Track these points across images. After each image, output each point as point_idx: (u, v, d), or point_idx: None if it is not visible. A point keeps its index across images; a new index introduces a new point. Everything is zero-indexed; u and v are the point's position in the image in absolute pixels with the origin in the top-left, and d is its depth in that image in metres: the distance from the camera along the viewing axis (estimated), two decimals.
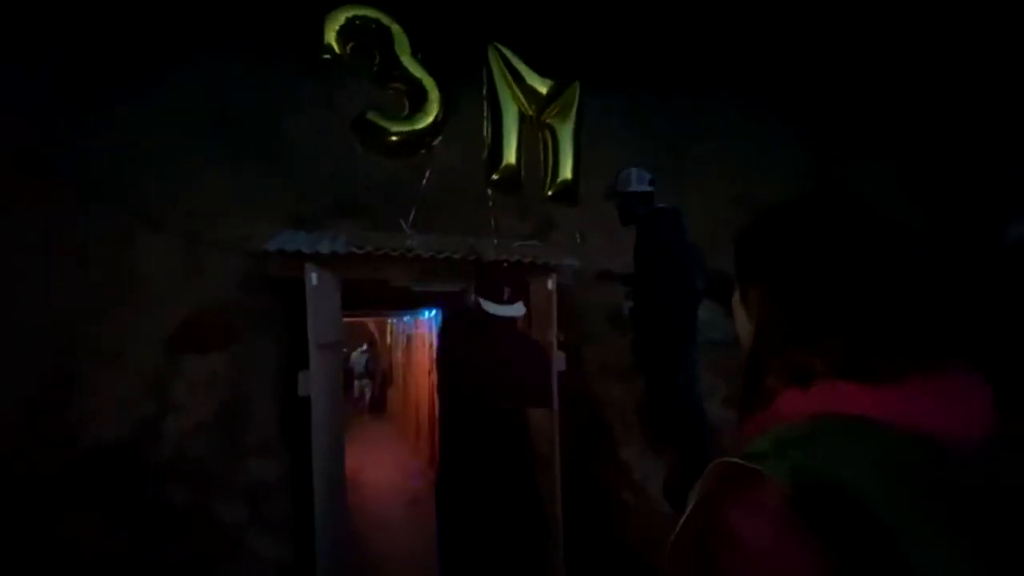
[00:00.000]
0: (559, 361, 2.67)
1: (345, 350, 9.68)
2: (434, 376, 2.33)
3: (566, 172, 2.58)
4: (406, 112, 2.24)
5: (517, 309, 1.90)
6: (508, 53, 2.46)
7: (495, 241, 2.68)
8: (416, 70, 2.22)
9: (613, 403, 2.96)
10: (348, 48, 2.13)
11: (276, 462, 2.31)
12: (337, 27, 2.08)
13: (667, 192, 2.58)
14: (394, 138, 2.18)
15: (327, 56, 2.08)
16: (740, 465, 0.43)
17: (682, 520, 0.45)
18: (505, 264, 2.42)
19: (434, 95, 2.22)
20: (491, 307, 1.86)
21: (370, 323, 10.02)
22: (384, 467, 5.79)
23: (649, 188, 2.45)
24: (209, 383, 2.30)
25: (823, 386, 0.49)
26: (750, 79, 3.48)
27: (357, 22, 2.13)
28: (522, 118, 2.49)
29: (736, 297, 0.63)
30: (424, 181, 2.50)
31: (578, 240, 2.94)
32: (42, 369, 2.13)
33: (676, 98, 3.46)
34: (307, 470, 2.10)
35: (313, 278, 2.13)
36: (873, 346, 0.49)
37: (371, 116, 2.14)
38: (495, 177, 2.46)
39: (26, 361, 2.10)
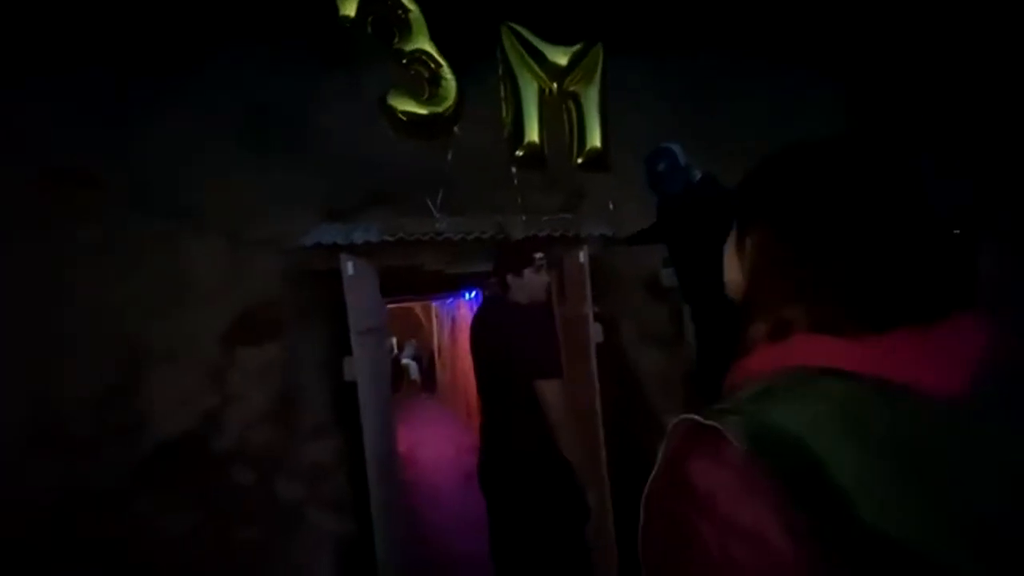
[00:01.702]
0: (596, 333, 2.66)
1: (395, 339, 10.03)
2: None
3: (594, 140, 2.51)
4: (426, 95, 2.24)
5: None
6: (522, 31, 2.41)
7: (523, 218, 2.67)
8: (434, 52, 2.21)
9: (654, 373, 2.92)
10: (369, 20, 2.13)
11: (330, 444, 2.45)
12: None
13: (696, 156, 2.46)
14: (413, 120, 2.19)
15: (346, 25, 2.07)
16: (699, 423, 0.43)
17: (651, 476, 0.46)
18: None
19: (449, 78, 2.21)
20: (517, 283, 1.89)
21: (416, 308, 10.30)
22: (437, 443, 6.02)
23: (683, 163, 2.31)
24: (263, 373, 2.45)
25: (796, 339, 0.48)
26: (783, 37, 3.23)
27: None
28: (542, 93, 2.44)
29: (731, 242, 0.60)
30: (448, 163, 2.51)
31: (611, 208, 2.87)
32: (110, 368, 2.32)
33: (704, 58, 3.27)
34: (360, 450, 2.22)
35: (349, 268, 2.21)
36: (862, 301, 0.47)
37: (390, 98, 2.15)
38: (519, 154, 2.44)
39: (94, 361, 2.30)
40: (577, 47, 2.49)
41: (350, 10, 2.07)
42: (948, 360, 0.44)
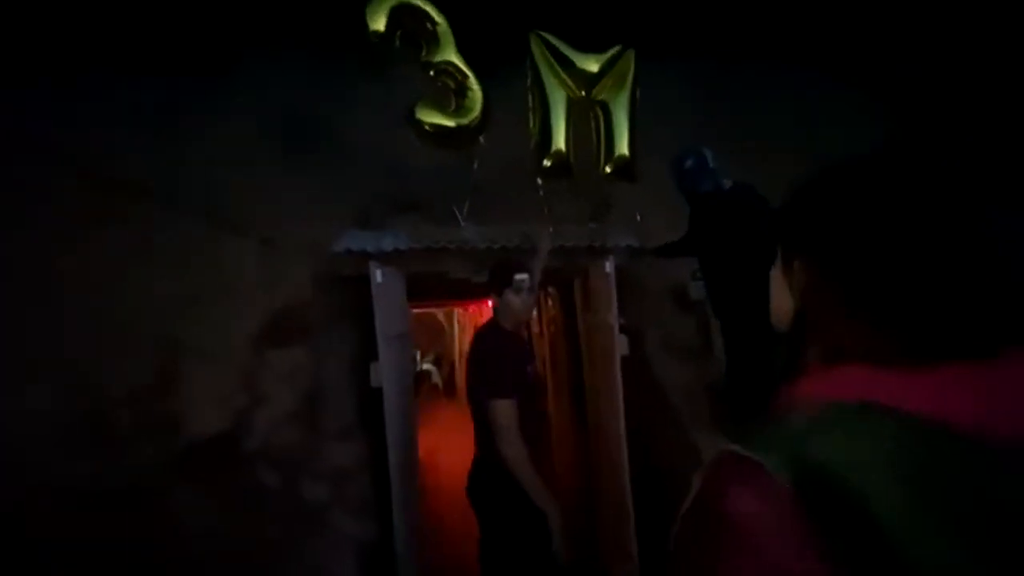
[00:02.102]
0: (621, 345, 2.63)
1: (418, 350, 10.12)
2: None
3: (622, 147, 2.51)
4: (453, 107, 2.28)
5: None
6: (551, 38, 2.42)
7: (549, 228, 2.67)
8: (461, 64, 2.24)
9: (680, 386, 2.87)
10: (398, 34, 2.18)
11: (354, 447, 2.48)
12: (384, 12, 2.13)
13: (731, 167, 2.43)
14: (439, 131, 2.22)
15: (375, 40, 2.13)
16: (740, 454, 0.42)
17: (685, 504, 0.45)
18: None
19: (476, 91, 2.24)
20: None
21: (439, 313, 10.37)
22: (457, 449, 6.01)
23: (712, 165, 2.31)
24: (292, 376, 2.50)
25: (848, 369, 0.46)
26: (821, 48, 3.17)
27: (405, 10, 2.17)
28: (570, 102, 2.44)
29: (777, 265, 0.58)
30: (474, 173, 2.54)
31: (638, 218, 2.85)
32: (149, 366, 2.40)
33: (739, 68, 3.22)
34: (383, 454, 2.24)
35: (378, 275, 2.24)
36: (915, 330, 0.45)
37: (419, 113, 2.20)
38: (546, 164, 2.45)
39: (135, 359, 2.38)
40: (610, 53, 2.48)
41: (379, 25, 2.13)
42: (1005, 400, 0.42)
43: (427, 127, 2.22)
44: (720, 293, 2.32)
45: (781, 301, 0.58)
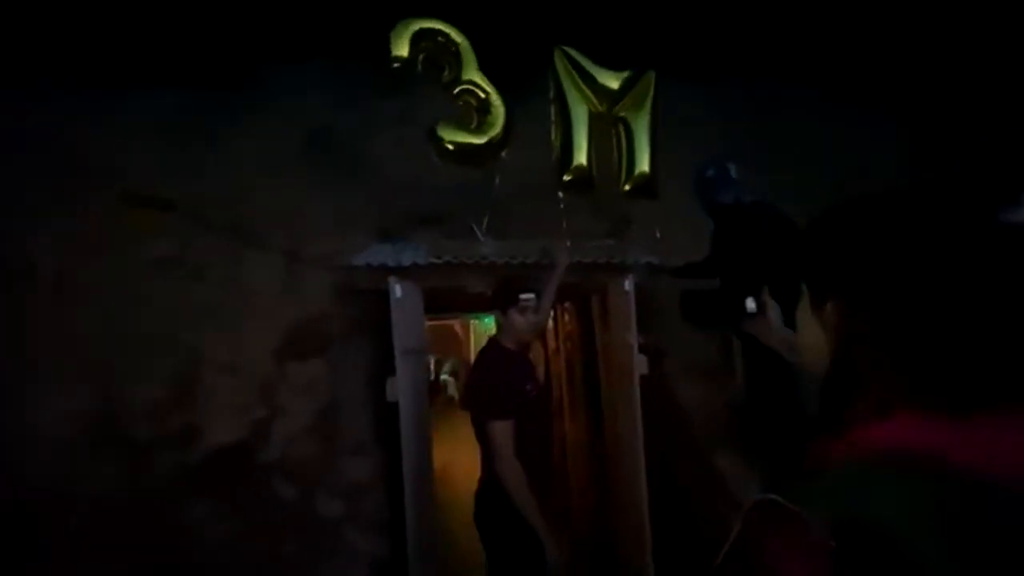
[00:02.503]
0: (641, 365, 2.59)
1: (435, 358, 10.13)
2: None
3: (643, 165, 2.49)
4: (474, 124, 2.29)
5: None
6: (574, 54, 2.43)
7: (568, 243, 2.65)
8: (484, 83, 2.26)
9: (701, 407, 2.80)
10: (420, 59, 2.21)
11: (370, 462, 2.48)
12: (407, 36, 2.16)
13: (752, 187, 2.40)
14: (460, 149, 2.23)
15: (396, 64, 2.15)
16: (785, 506, 0.40)
17: (723, 553, 0.44)
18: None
19: (498, 109, 2.25)
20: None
21: (455, 324, 10.40)
22: (473, 463, 5.96)
23: (734, 176, 2.30)
24: (310, 389, 2.51)
25: (899, 419, 0.44)
26: (836, 69, 3.12)
27: (426, 34, 2.20)
28: (592, 116, 2.44)
29: (805, 305, 0.55)
30: (494, 189, 2.54)
31: (657, 236, 2.82)
32: (169, 377, 2.43)
33: (761, 87, 3.19)
34: (398, 470, 2.23)
35: (397, 290, 2.25)
36: (968, 375, 0.43)
37: (440, 131, 2.22)
38: (567, 178, 2.44)
39: (157, 369, 2.42)
40: (629, 72, 2.48)
41: (403, 51, 2.15)
42: None
43: (448, 145, 2.24)
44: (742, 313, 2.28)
45: (813, 341, 0.55)
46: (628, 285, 2.55)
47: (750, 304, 1.08)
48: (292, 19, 2.76)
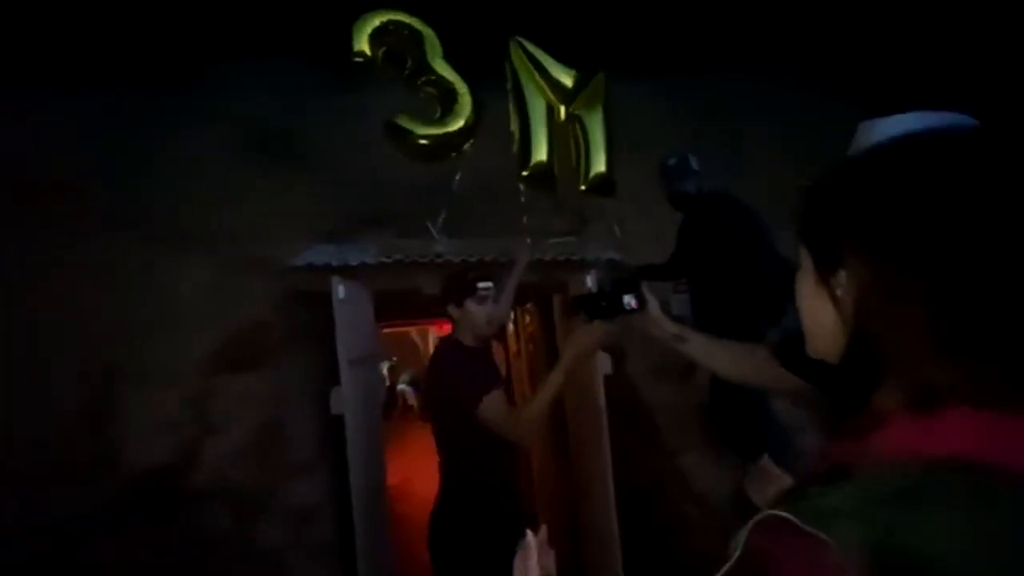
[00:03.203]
0: (604, 364, 2.50)
1: (388, 365, 9.78)
2: None
3: (599, 166, 2.45)
4: (438, 115, 2.17)
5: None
6: (530, 46, 2.36)
7: (528, 240, 2.54)
8: (448, 73, 2.17)
9: (666, 406, 2.75)
10: (380, 53, 2.11)
11: (315, 483, 2.26)
12: (369, 31, 2.06)
13: (713, 178, 2.38)
14: (424, 142, 2.12)
15: (358, 60, 2.05)
16: (799, 527, 0.31)
17: (724, 570, 0.34)
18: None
19: (465, 97, 2.18)
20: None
21: (413, 332, 10.11)
22: (433, 475, 5.75)
23: (694, 167, 2.30)
24: (246, 404, 2.28)
25: (952, 415, 0.33)
26: (798, 56, 3.18)
27: (390, 27, 2.11)
28: (551, 112, 2.36)
29: (809, 273, 0.44)
30: (455, 184, 2.41)
31: (616, 232, 2.76)
32: (81, 394, 2.16)
33: (719, 78, 3.20)
34: (347, 490, 2.03)
35: (340, 291, 2.06)
36: None
37: (401, 121, 2.09)
38: (525, 174, 2.35)
39: (66, 386, 2.14)
40: (578, 73, 2.42)
41: (364, 45, 2.03)
42: None
43: (412, 137, 2.11)
44: (703, 303, 2.25)
45: (821, 320, 0.43)
46: (590, 282, 2.46)
47: (627, 300, 1.04)
48: (234, 11, 2.55)
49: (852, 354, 0.41)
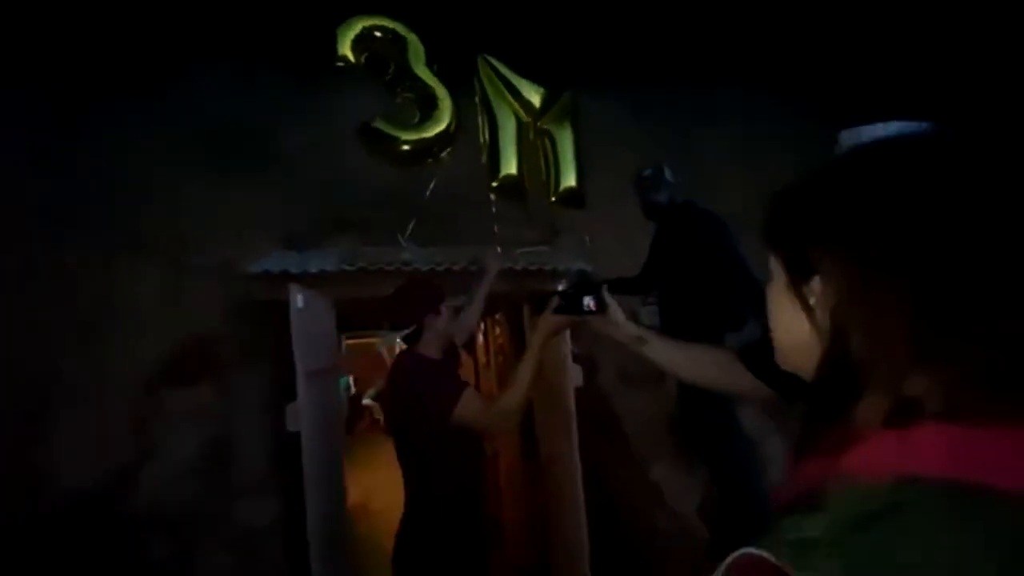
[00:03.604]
0: (575, 376, 2.46)
1: (352, 377, 9.49)
2: None
3: (569, 180, 2.45)
4: (416, 119, 2.12)
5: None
6: (498, 64, 2.34)
7: (498, 249, 2.49)
8: (429, 79, 2.13)
9: (637, 417, 2.72)
10: (363, 58, 2.07)
11: (267, 505, 2.11)
12: (352, 36, 2.02)
13: (681, 191, 2.40)
14: (406, 147, 2.08)
15: (340, 64, 2.01)
16: (776, 567, 0.28)
17: None
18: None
19: (446, 103, 2.14)
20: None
21: (379, 343, 9.87)
22: (396, 492, 5.56)
23: (668, 178, 2.32)
24: (192, 420, 2.11)
25: (929, 430, 0.32)
26: (760, 70, 3.27)
27: (376, 32, 2.07)
28: (520, 126, 2.36)
29: (780, 282, 0.42)
30: (428, 191, 2.34)
31: (587, 243, 2.75)
32: (9, 408, 1.96)
33: (682, 92, 3.26)
34: (302, 512, 1.89)
35: (299, 300, 1.95)
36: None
37: (379, 124, 2.02)
38: (495, 185, 2.32)
39: None
40: (545, 91, 2.43)
41: (347, 51, 2.01)
42: None
43: (386, 140, 2.05)
44: (670, 312, 2.25)
45: (792, 330, 0.41)
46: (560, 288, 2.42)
47: (587, 302, 1.02)
48: (194, 17, 2.45)
49: (827, 366, 0.38)
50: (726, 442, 2.14)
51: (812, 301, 0.39)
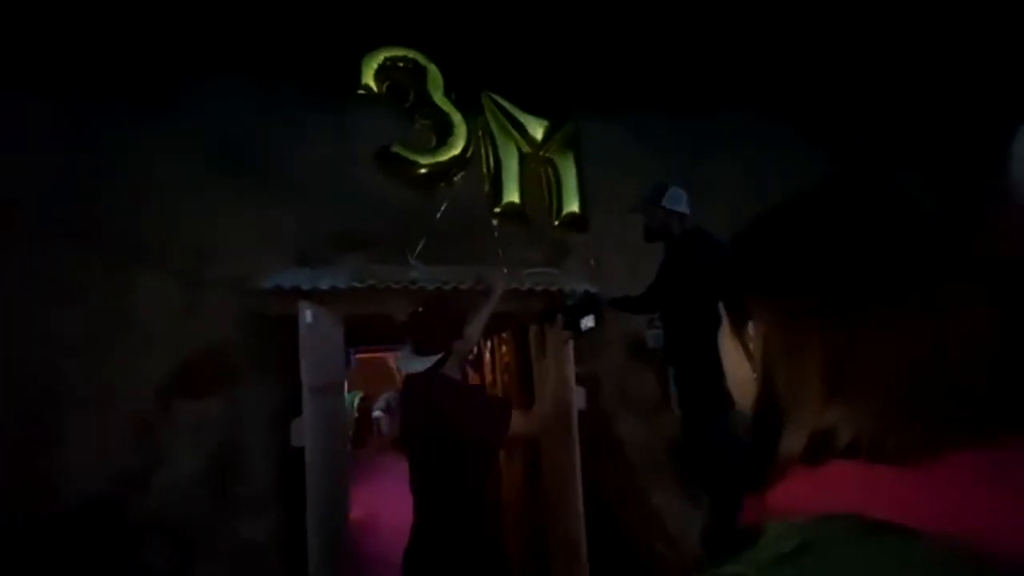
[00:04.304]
0: (579, 398, 2.46)
1: (361, 393, 9.49)
2: None
3: (572, 206, 2.50)
4: (433, 144, 2.20)
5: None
6: (501, 100, 2.44)
7: (504, 270, 2.52)
8: (447, 107, 2.22)
9: (640, 443, 2.70)
10: (384, 86, 2.17)
11: (268, 520, 2.13)
12: (375, 66, 2.12)
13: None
14: (423, 171, 2.14)
15: (363, 92, 2.12)
16: None
17: None
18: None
19: (462, 129, 2.22)
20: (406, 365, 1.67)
21: (390, 359, 9.92)
22: (402, 509, 5.53)
23: (686, 210, 2.28)
24: (200, 432, 2.15)
25: (836, 467, 0.34)
26: (764, 96, 3.30)
27: (399, 64, 2.18)
28: (522, 157, 2.44)
29: (726, 326, 0.46)
30: (440, 213, 2.40)
31: (592, 265, 2.77)
32: (18, 418, 2.01)
33: (687, 117, 3.30)
34: (303, 527, 1.91)
35: (308, 315, 2.00)
36: (923, 399, 0.33)
37: (398, 149, 2.10)
38: (498, 211, 2.38)
39: (3, 408, 1.99)
40: (548, 123, 2.49)
41: (370, 80, 2.10)
42: None
43: (402, 164, 2.12)
44: (676, 337, 2.24)
45: (737, 372, 0.45)
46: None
47: (584, 323, 1.08)
48: (212, 27, 2.53)
49: (760, 405, 0.41)
50: (728, 470, 2.11)
51: (751, 345, 0.42)
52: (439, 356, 1.62)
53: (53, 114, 2.35)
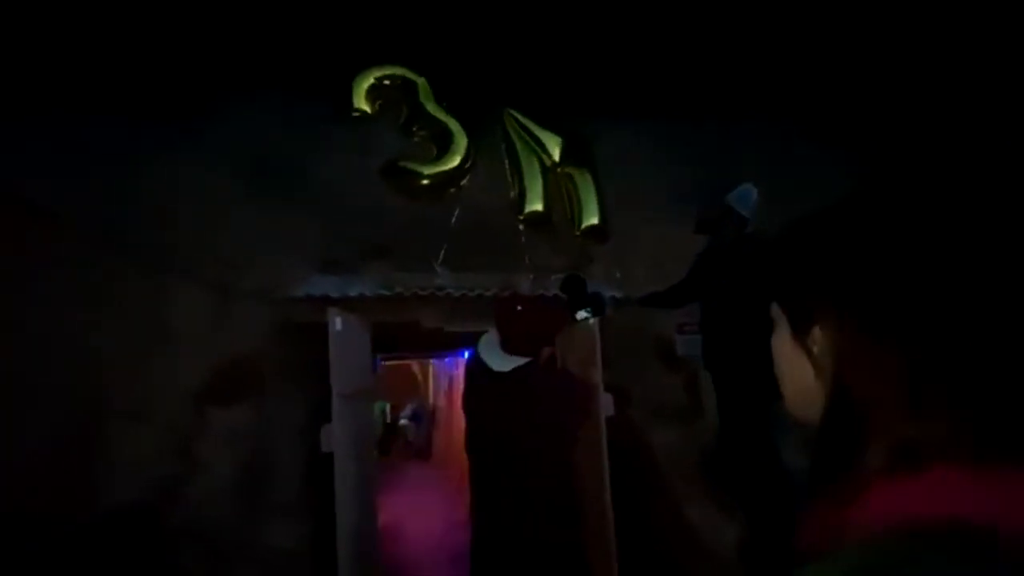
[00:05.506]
0: (606, 405, 2.42)
1: (389, 402, 9.59)
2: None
3: (592, 219, 2.50)
4: (435, 155, 2.23)
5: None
6: (520, 116, 2.49)
7: (530, 276, 2.52)
8: (441, 115, 2.26)
9: (671, 451, 2.63)
10: (377, 106, 2.26)
11: (299, 525, 2.15)
12: (366, 87, 2.19)
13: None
14: (426, 181, 2.22)
15: (357, 114, 2.21)
16: None
17: None
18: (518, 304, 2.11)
19: (460, 136, 2.26)
20: (496, 363, 1.66)
21: (414, 365, 9.97)
22: (428, 518, 5.52)
23: (748, 213, 2.16)
24: (232, 439, 2.19)
25: (933, 475, 0.32)
26: (786, 103, 3.23)
27: (386, 82, 2.25)
28: (544, 168, 2.47)
29: (784, 331, 0.43)
30: (453, 220, 2.41)
31: (617, 276, 2.73)
32: (61, 427, 2.08)
33: (709, 124, 3.24)
34: (333, 533, 1.92)
35: (337, 323, 2.02)
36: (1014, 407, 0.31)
37: (403, 163, 2.14)
38: (522, 217, 2.39)
39: (45, 419, 2.06)
40: (562, 140, 2.51)
41: (362, 103, 2.18)
42: None
43: (409, 176, 2.16)
44: (716, 345, 2.15)
45: (800, 379, 0.42)
46: (592, 320, 2.40)
47: (580, 315, 1.08)
48: (243, 43, 2.62)
49: (832, 415, 0.39)
50: (766, 484, 2.03)
51: (816, 351, 0.40)
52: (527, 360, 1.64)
53: (91, 132, 2.44)
